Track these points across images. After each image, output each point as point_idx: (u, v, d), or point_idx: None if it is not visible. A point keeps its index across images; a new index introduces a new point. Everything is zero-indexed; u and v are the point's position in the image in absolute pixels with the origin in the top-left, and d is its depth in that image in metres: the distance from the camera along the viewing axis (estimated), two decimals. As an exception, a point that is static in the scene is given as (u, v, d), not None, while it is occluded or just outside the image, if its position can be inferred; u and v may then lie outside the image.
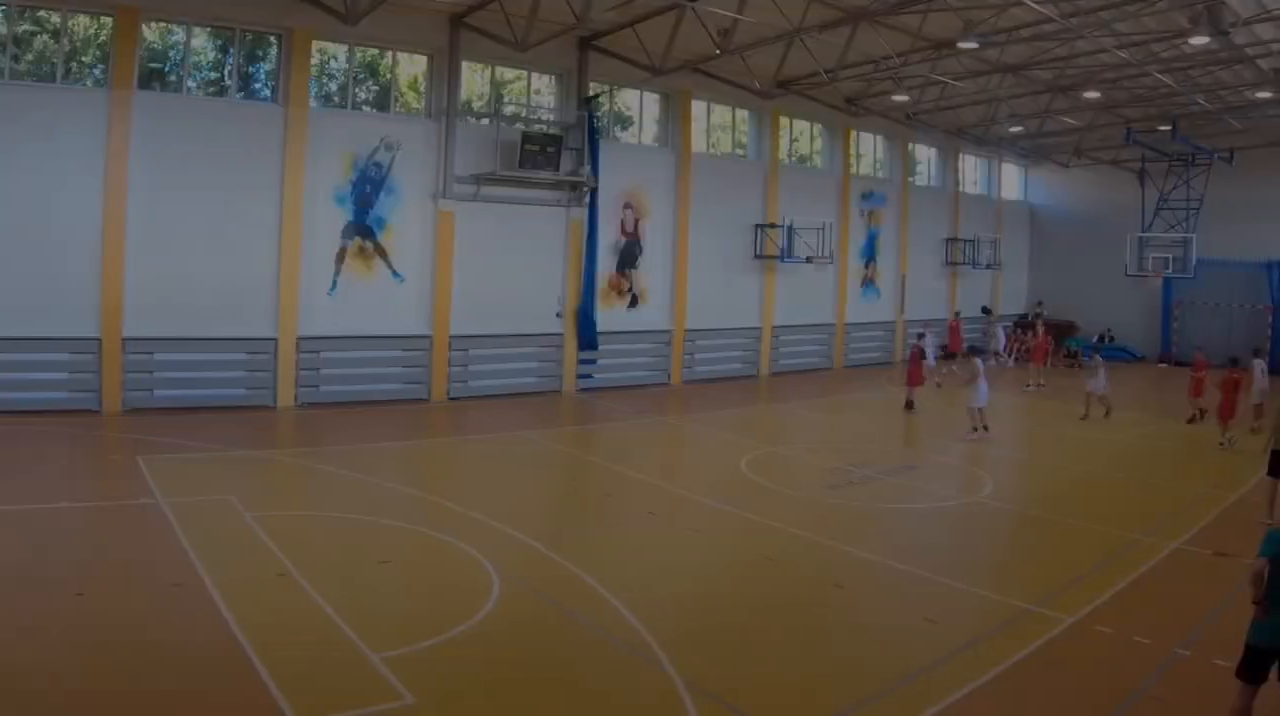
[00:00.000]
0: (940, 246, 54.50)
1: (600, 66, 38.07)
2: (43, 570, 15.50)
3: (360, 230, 33.47)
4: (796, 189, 45.53)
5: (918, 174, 54.58)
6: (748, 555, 18.23)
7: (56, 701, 11.17)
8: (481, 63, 36.96)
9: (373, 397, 33.47)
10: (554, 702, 11.80)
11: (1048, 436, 31.97)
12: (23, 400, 28.10)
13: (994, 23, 32.25)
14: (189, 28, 31.09)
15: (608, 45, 37.31)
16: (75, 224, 28.69)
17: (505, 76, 38.12)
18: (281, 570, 15.83)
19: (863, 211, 49.62)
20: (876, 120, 48.87)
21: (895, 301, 51.78)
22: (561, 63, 37.61)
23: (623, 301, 40.17)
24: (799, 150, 48.27)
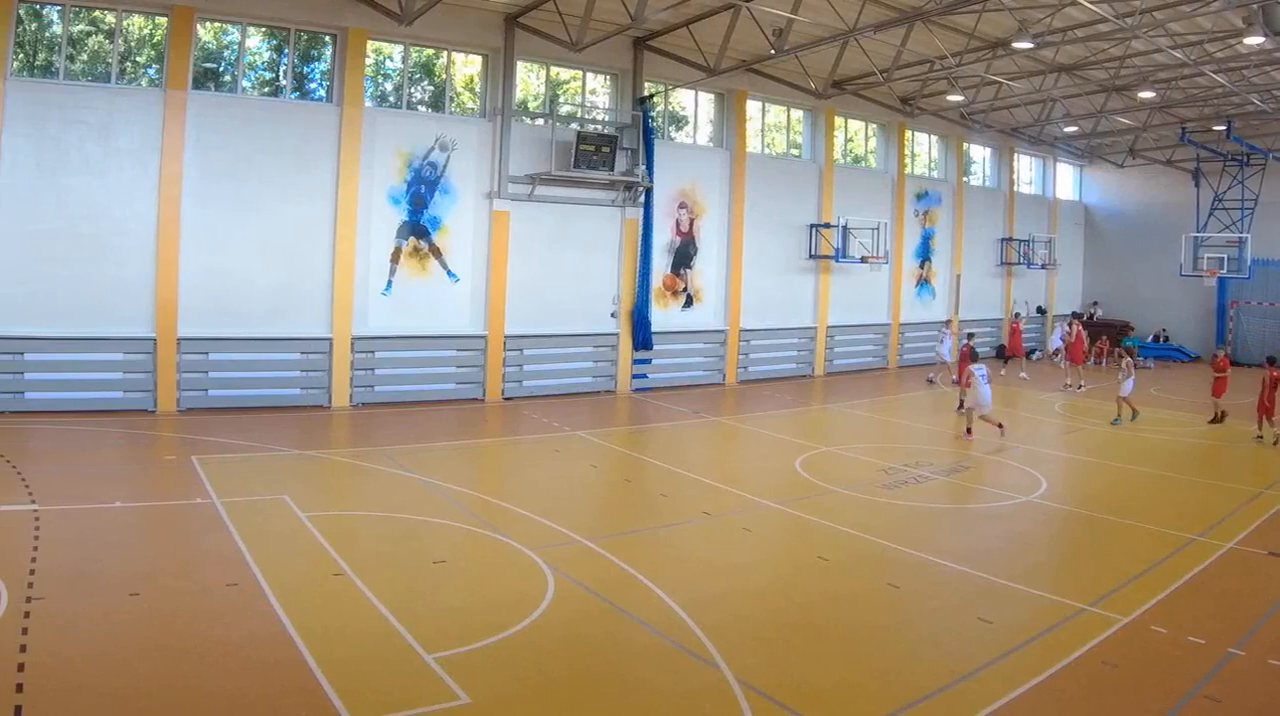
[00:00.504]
0: (995, 246, 53.24)
1: (655, 66, 37.25)
2: (98, 569, 15.15)
3: (415, 230, 32.80)
4: (851, 189, 44.52)
5: (972, 174, 53.30)
6: (802, 555, 17.92)
7: (112, 701, 10.91)
8: (536, 62, 36.16)
9: (427, 398, 32.83)
10: (609, 701, 11.62)
11: (1097, 436, 30.62)
12: (79, 400, 27.68)
13: (1049, 23, 31.59)
14: (244, 27, 30.45)
15: (662, 45, 36.55)
16: (130, 224, 28.24)
17: (560, 76, 37.31)
18: (336, 570, 15.58)
19: (917, 211, 48.53)
20: (931, 120, 47.95)
21: (950, 301, 50.58)
22: (616, 62, 36.78)
23: (677, 301, 39.27)
24: (853, 150, 47.03)
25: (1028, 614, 14.84)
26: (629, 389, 37.41)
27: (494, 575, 16.09)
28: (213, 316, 29.34)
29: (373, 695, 11.31)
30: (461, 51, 34.47)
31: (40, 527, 17.02)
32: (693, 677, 12.16)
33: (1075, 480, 25.59)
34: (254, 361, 30.32)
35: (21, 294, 26.99)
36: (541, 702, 11.49)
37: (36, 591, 13.89)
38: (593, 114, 37.60)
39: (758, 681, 11.89)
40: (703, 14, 32.67)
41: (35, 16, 28.24)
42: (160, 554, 16.65)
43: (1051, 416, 33.48)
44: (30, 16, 28.08)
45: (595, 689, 11.93)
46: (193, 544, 17.02)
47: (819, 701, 11.65)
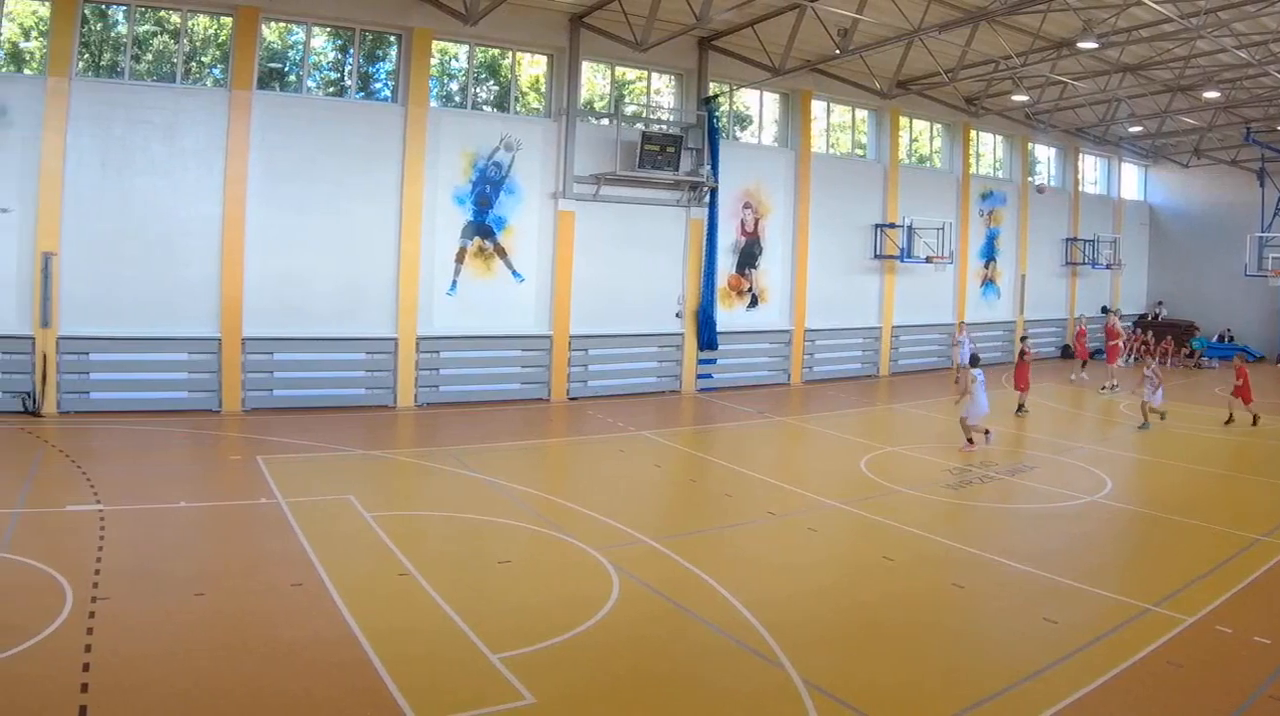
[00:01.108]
0: (1060, 246, 51.59)
1: (720, 66, 36.18)
2: (163, 569, 14.81)
3: (480, 230, 31.90)
4: (916, 189, 43.28)
5: (1037, 173, 51.62)
6: (867, 555, 17.50)
7: (176, 701, 10.68)
8: (602, 62, 35.19)
9: (492, 398, 31.98)
10: (673, 701, 11.37)
11: (1161, 437, 29.20)
12: (144, 400, 27.14)
13: (1113, 23, 30.68)
14: (308, 27, 29.69)
15: (727, 45, 35.55)
16: (195, 224, 27.63)
17: (625, 76, 36.31)
18: (401, 570, 15.23)
19: (982, 211, 47.09)
20: (996, 120, 46.56)
21: (1015, 301, 49.10)
22: (681, 62, 35.72)
23: (742, 301, 38.16)
24: (918, 150, 45.70)
25: (1093, 614, 14.37)
26: (694, 389, 36.36)
27: (559, 575, 15.70)
28: (277, 316, 28.69)
29: (438, 695, 11.08)
30: (526, 51, 33.53)
31: (105, 527, 16.64)
32: (758, 677, 11.86)
33: (1140, 480, 24.71)
34: (319, 361, 29.63)
35: (87, 294, 26.41)
36: (606, 703, 11.23)
37: (101, 591, 13.56)
38: (658, 114, 36.53)
39: (822, 681, 11.63)
40: (768, 14, 31.81)
41: (100, 16, 27.52)
42: (225, 554, 16.28)
43: (1116, 416, 32.17)
44: (95, 16, 27.37)
45: (660, 689, 11.69)
46: (258, 544, 16.70)
47: (883, 701, 11.36)
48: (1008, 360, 43.38)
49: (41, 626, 12.18)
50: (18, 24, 26.90)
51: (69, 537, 16.21)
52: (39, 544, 15.72)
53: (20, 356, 26.02)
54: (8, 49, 26.80)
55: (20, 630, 11.98)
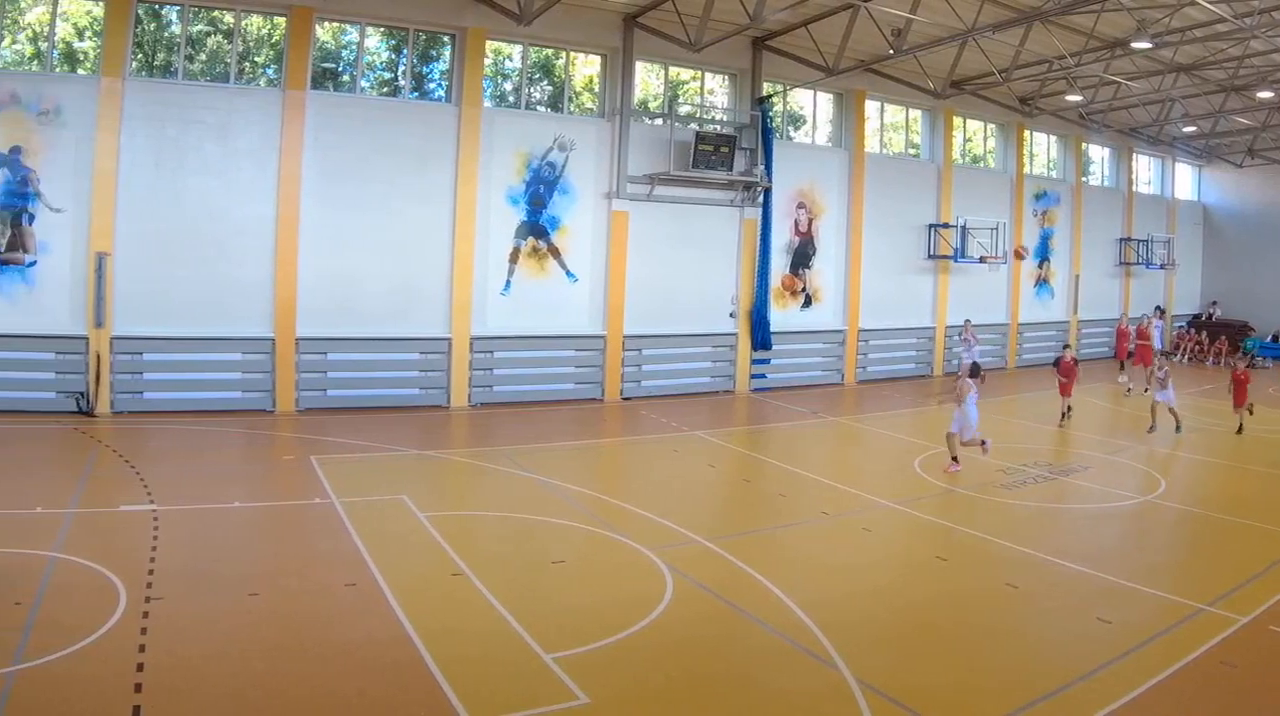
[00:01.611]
0: (1113, 246, 50.00)
1: (774, 66, 35.11)
2: (217, 569, 14.55)
3: (534, 230, 31.03)
4: (969, 189, 41.95)
5: (1091, 173, 50.11)
6: (920, 554, 17.03)
7: (229, 701, 10.47)
8: (655, 62, 34.16)
9: (546, 398, 31.15)
10: (727, 702, 11.04)
11: (1217, 437, 28.12)
12: (197, 400, 26.57)
13: (1167, 23, 29.64)
14: (362, 27, 28.97)
15: (781, 45, 34.51)
16: (249, 224, 27.01)
17: (679, 76, 35.28)
18: (455, 570, 14.84)
19: (1036, 211, 45.67)
20: (1050, 120, 45.15)
21: (1069, 301, 47.59)
22: (735, 62, 34.71)
23: (796, 301, 37.05)
24: (972, 150, 44.50)
25: (1146, 614, 14.01)
26: (748, 389, 35.34)
27: (613, 575, 15.32)
28: (331, 316, 28.00)
29: (491, 695, 10.82)
30: (580, 51, 32.69)
31: (159, 527, 16.31)
32: (812, 678, 11.60)
33: (1194, 480, 23.88)
34: (373, 361, 28.91)
35: (140, 294, 25.79)
36: (660, 703, 10.98)
37: (155, 591, 13.25)
38: (711, 114, 35.50)
39: (876, 681, 11.33)
40: (821, 14, 30.82)
41: (154, 16, 26.84)
42: (279, 554, 15.94)
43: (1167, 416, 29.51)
44: (149, 16, 26.71)
45: (714, 689, 11.38)
46: (311, 544, 16.34)
47: (937, 701, 11.06)
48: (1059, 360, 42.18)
49: (95, 626, 11.90)
50: (72, 24, 26.22)
51: (123, 537, 15.89)
52: (93, 544, 15.33)
53: (74, 356, 25.43)
54: (62, 49, 26.13)
55: (74, 630, 11.72)
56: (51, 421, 24.71)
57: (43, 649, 11.23)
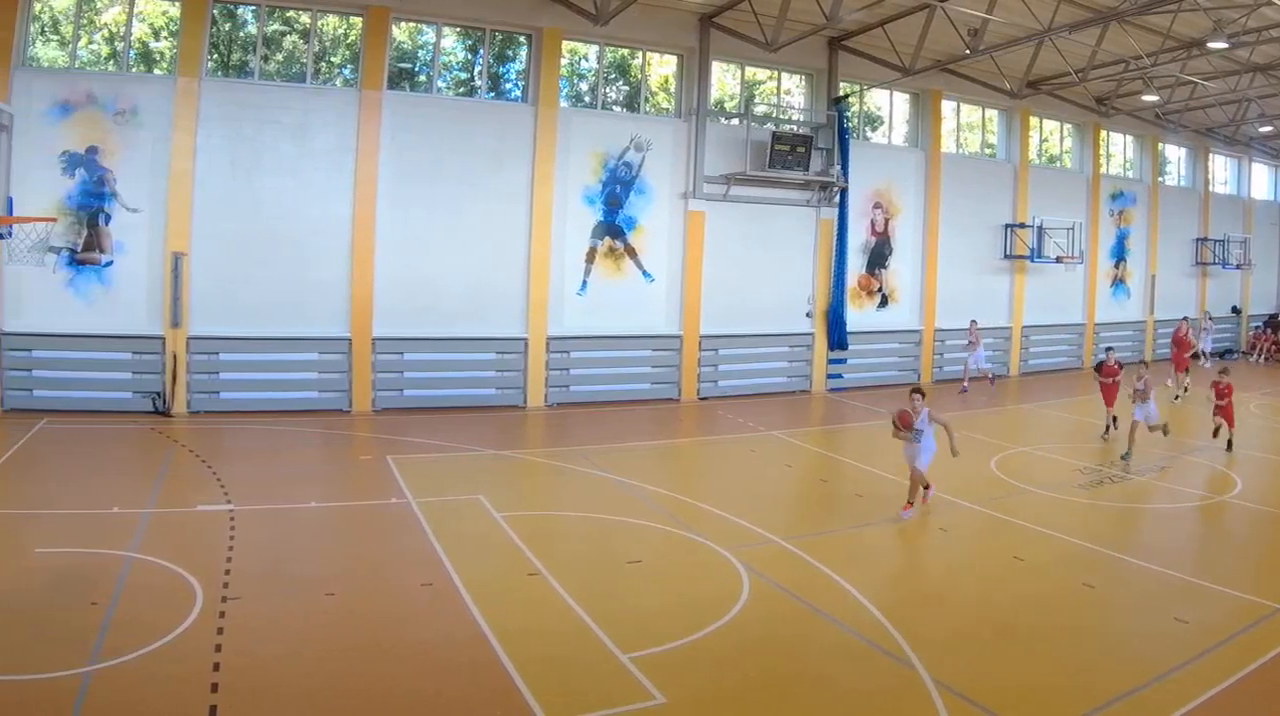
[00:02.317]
0: (1189, 246, 47.44)
1: (850, 66, 33.32)
2: (293, 569, 14.12)
3: (610, 230, 29.65)
4: (1046, 189, 39.97)
5: (1167, 173, 47.62)
6: (997, 554, 16.26)
7: (305, 701, 10.16)
8: (732, 62, 32.50)
9: (622, 398, 29.73)
10: (804, 701, 10.66)
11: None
12: (274, 400, 25.51)
13: (1244, 23, 28.15)
14: (439, 28, 27.68)
15: (857, 45, 32.72)
16: (325, 224, 25.99)
17: (755, 76, 33.61)
18: (532, 570, 14.31)
19: (1112, 211, 43.40)
20: (1126, 120, 42.74)
21: (1145, 301, 45.26)
22: (811, 62, 32.91)
23: (872, 301, 35.37)
24: (1048, 150, 42.28)
25: (1224, 614, 13.41)
26: (824, 389, 33.63)
27: (689, 575, 14.71)
28: (407, 316, 26.90)
29: (568, 695, 10.43)
30: (656, 51, 31.10)
31: (236, 528, 15.76)
32: (888, 677, 11.19)
33: (1272, 480, 22.62)
34: (449, 361, 27.68)
35: (217, 294, 24.86)
36: (737, 703, 10.58)
37: (232, 591, 12.83)
38: (788, 114, 33.75)
39: (953, 681, 10.91)
40: (898, 14, 29.34)
41: (229, 17, 25.74)
42: (355, 554, 15.37)
43: (1248, 417, 28.32)
44: (224, 17, 25.61)
45: (791, 689, 10.94)
46: (388, 544, 15.72)
47: (1014, 701, 10.65)
48: (1138, 360, 40.52)
49: (172, 626, 11.50)
50: (148, 24, 25.14)
51: (199, 538, 15.32)
52: (169, 544, 14.76)
53: (151, 356, 24.51)
54: (138, 49, 25.08)
55: (151, 629, 11.31)
56: (128, 421, 23.76)
57: (119, 648, 10.80)
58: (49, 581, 12.98)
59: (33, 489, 17.88)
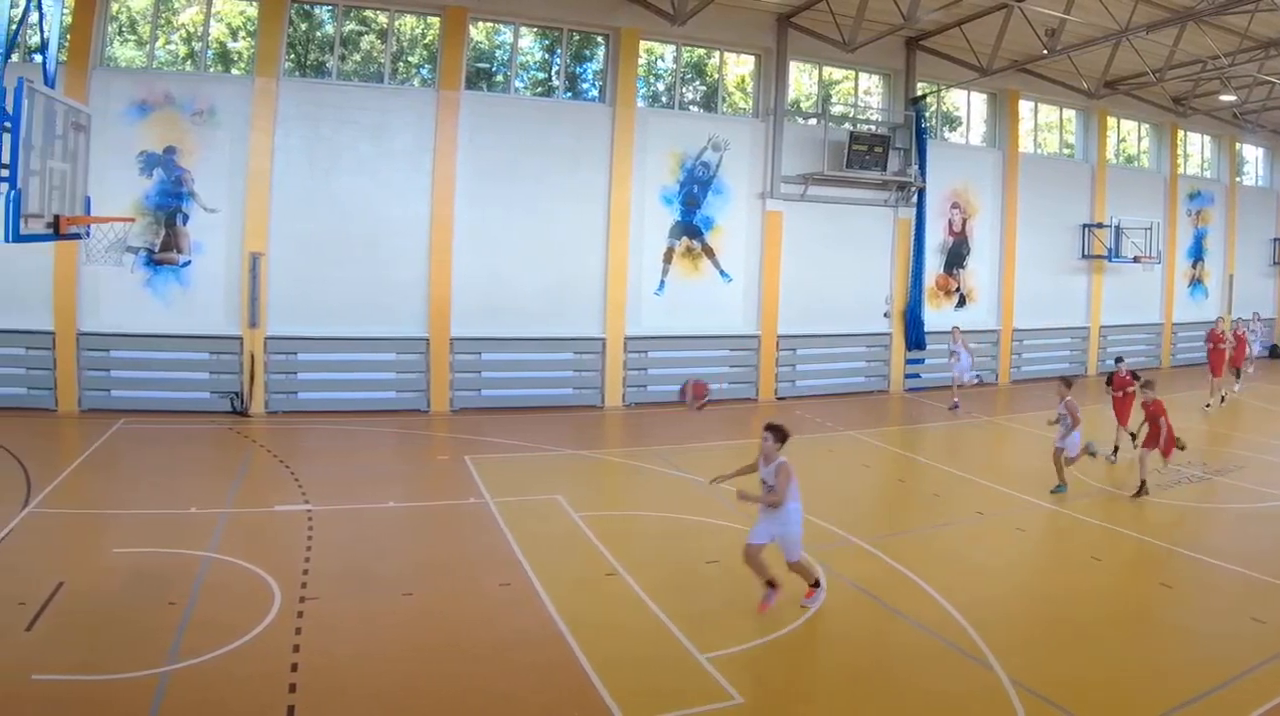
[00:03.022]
0: (1267, 246, 44.73)
1: (927, 66, 31.41)
2: (372, 569, 13.49)
3: (688, 230, 27.97)
4: (1123, 189, 37.68)
5: (1245, 173, 44.83)
6: (1074, 554, 15.64)
7: (382, 701, 9.67)
8: (809, 62, 30.59)
9: None
10: (881, 701, 10.15)
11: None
12: (352, 400, 24.22)
13: None
14: (516, 27, 26.21)
15: (935, 45, 30.82)
16: (403, 224, 24.69)
17: (833, 76, 31.73)
18: (609, 570, 13.72)
19: (1190, 211, 40.98)
20: (1203, 120, 40.14)
21: (1223, 301, 42.72)
22: (889, 62, 31.05)
23: (950, 301, 33.35)
24: (1125, 150, 39.92)
25: None
26: (902, 388, 31.76)
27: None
28: (485, 316, 25.49)
29: (645, 695, 9.99)
30: (734, 51, 29.34)
31: (314, 528, 15.07)
32: (966, 677, 10.69)
33: None
34: (527, 361, 26.21)
35: (295, 294, 23.55)
36: (814, 702, 10.23)
37: (310, 591, 12.30)
38: (865, 114, 31.88)
39: (1030, 681, 10.41)
40: (975, 14, 27.53)
41: (306, 17, 24.33)
42: (433, 554, 14.64)
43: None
44: (301, 17, 24.23)
45: (868, 688, 10.51)
46: (465, 544, 15.06)
47: (1091, 700, 10.11)
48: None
49: (250, 626, 11.05)
50: (225, 24, 23.80)
51: (277, 537, 14.71)
52: (247, 544, 14.13)
53: (228, 356, 23.26)
54: (215, 49, 23.76)
55: (230, 629, 10.86)
56: (206, 421, 22.54)
57: (197, 648, 10.38)
58: (127, 581, 12.40)
59: (110, 489, 17.31)
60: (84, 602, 11.55)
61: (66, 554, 13.52)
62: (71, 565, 12.91)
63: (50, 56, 13.66)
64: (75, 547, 13.87)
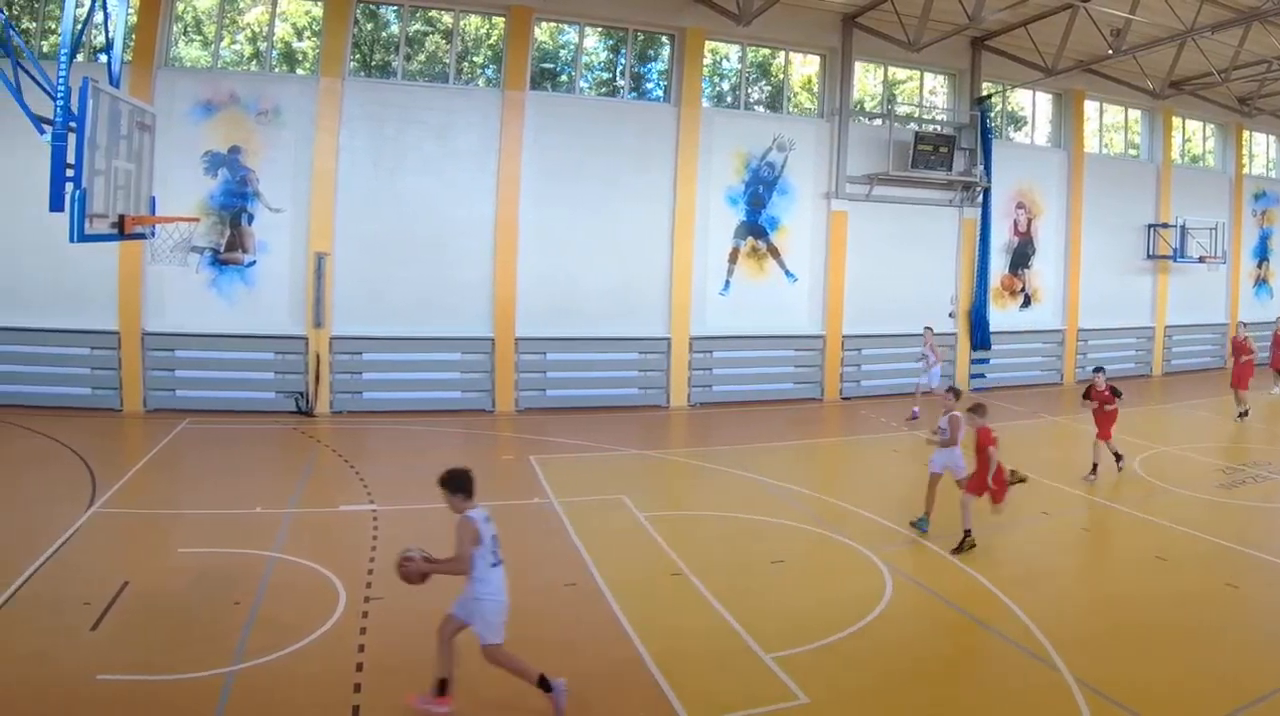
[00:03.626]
0: None
1: (992, 66, 29.69)
2: None
3: (753, 230, 26.49)
4: (1188, 189, 35.69)
5: (1303, 176, 41.51)
6: (1139, 554, 14.74)
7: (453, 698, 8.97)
8: (874, 62, 29.04)
9: (764, 397, 26.65)
10: (946, 700, 9.76)
11: None
12: (417, 400, 22.99)
13: None
14: (581, 28, 24.87)
15: (1000, 45, 29.12)
16: (468, 224, 23.46)
17: (897, 76, 30.16)
18: (675, 570, 13.10)
19: (1255, 211, 38.78)
20: (1269, 120, 37.87)
21: (1288, 301, 39.52)
22: (954, 62, 29.40)
23: (1015, 301, 31.56)
24: (1191, 150, 37.84)
25: None
26: (968, 388, 29.45)
27: (832, 574, 13.47)
28: (550, 316, 24.23)
29: (711, 694, 9.54)
30: (799, 51, 27.74)
31: (378, 527, 14.42)
32: (1030, 676, 10.16)
33: None
34: (592, 361, 24.89)
35: (360, 294, 22.38)
36: (879, 702, 9.64)
37: (375, 591, 11.79)
38: (931, 114, 30.29)
39: (1095, 680, 9.86)
40: (1040, 14, 26.08)
41: (372, 17, 23.10)
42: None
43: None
44: (367, 17, 23.00)
45: (933, 688, 10.00)
46: (531, 544, 14.21)
47: (1156, 701, 9.58)
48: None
49: (315, 626, 10.69)
50: (290, 24, 22.55)
51: (342, 537, 14.13)
52: (312, 543, 13.62)
53: (293, 356, 22.08)
54: (280, 49, 22.55)
55: (295, 629, 10.50)
56: (271, 421, 21.38)
57: (262, 648, 10.04)
58: (192, 581, 11.92)
59: (175, 489, 16.77)
60: (149, 602, 11.13)
61: (131, 554, 12.99)
62: (137, 565, 12.40)
63: (115, 56, 12.96)
64: (140, 547, 13.32)
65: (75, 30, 11.49)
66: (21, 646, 9.91)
